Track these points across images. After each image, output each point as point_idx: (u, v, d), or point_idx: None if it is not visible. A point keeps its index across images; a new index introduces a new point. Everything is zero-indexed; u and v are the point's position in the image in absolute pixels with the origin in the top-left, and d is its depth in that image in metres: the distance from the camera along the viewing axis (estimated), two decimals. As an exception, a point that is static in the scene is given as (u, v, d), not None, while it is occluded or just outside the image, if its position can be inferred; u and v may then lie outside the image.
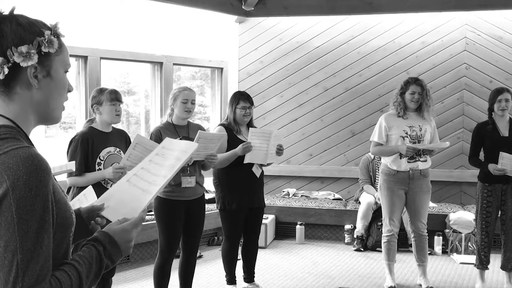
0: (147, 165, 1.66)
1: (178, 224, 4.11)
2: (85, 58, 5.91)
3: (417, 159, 4.75)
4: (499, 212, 4.80)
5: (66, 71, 1.44)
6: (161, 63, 6.65)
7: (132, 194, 1.60)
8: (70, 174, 3.76)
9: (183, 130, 4.19)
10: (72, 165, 3.67)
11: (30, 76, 1.33)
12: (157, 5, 6.29)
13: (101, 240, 1.40)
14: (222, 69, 7.41)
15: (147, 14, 6.46)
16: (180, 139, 4.10)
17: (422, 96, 4.75)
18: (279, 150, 4.61)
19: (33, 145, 1.35)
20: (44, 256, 1.22)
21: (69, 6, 5.63)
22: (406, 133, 4.75)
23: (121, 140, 4.00)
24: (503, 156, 4.54)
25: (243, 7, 6.94)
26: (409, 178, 4.77)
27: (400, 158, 4.75)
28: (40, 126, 1.51)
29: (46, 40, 1.34)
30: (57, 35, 1.38)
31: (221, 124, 4.68)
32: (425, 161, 4.80)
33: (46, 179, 1.24)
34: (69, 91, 1.46)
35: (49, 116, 1.41)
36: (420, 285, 4.96)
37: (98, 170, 3.79)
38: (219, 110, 7.43)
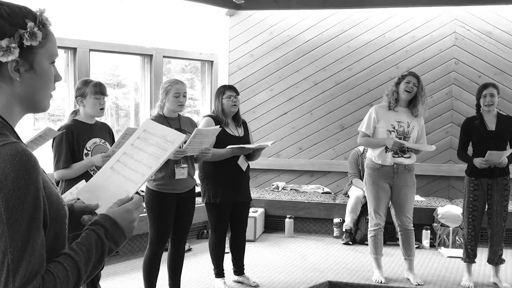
0: (129, 150, 1.60)
1: (169, 217, 4.12)
2: (74, 50, 5.86)
3: (401, 155, 4.78)
4: (486, 206, 4.85)
5: (53, 62, 1.36)
6: (151, 56, 6.62)
7: (117, 183, 1.55)
8: (56, 168, 3.73)
9: (175, 122, 4.18)
10: (51, 130, 3.57)
11: (11, 71, 1.27)
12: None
13: (101, 223, 1.37)
14: (212, 62, 7.39)
15: (137, 6, 6.43)
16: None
17: (418, 88, 4.77)
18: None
19: (19, 138, 1.31)
20: (37, 255, 1.18)
21: (58, -3, 5.58)
22: (394, 127, 4.77)
23: (105, 132, 3.96)
24: (490, 153, 4.59)
25: (233, 0, 6.92)
26: (393, 172, 4.80)
27: (386, 152, 4.77)
28: (29, 118, 1.47)
29: (28, 33, 1.26)
30: (43, 24, 1.31)
31: (209, 116, 4.65)
32: (409, 157, 4.82)
33: (35, 175, 1.19)
34: (57, 81, 1.39)
35: (35, 106, 1.36)
36: (408, 279, 5.00)
37: None
38: (209, 104, 7.41)
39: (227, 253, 4.93)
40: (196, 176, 4.86)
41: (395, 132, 4.77)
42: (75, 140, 3.74)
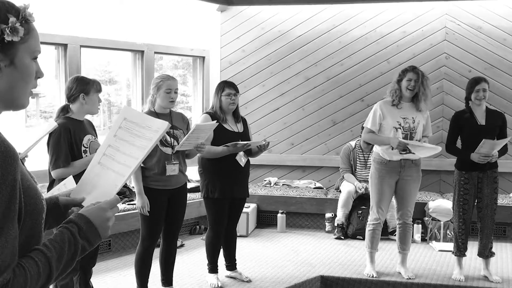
0: (113, 142, 1.60)
1: (160, 213, 4.12)
2: (64, 46, 5.83)
3: (409, 151, 4.74)
4: (476, 199, 4.88)
5: (35, 58, 1.34)
6: (142, 52, 6.60)
7: (106, 177, 1.55)
8: (56, 167, 3.68)
9: (166, 118, 4.16)
10: (53, 123, 3.62)
11: None
12: (138, -7, 6.24)
13: (75, 221, 1.35)
14: (204, 58, 7.38)
15: (128, 1, 6.40)
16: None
17: (418, 84, 4.72)
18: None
19: None
20: (9, 247, 1.16)
21: (48, -7, 5.56)
22: (400, 124, 4.75)
23: (92, 128, 3.98)
24: (485, 142, 4.58)
25: (224, -4, 6.92)
26: (400, 167, 4.79)
27: (392, 149, 4.77)
28: (21, 116, 1.46)
29: (9, 28, 1.25)
30: (26, 20, 1.29)
31: (207, 113, 4.65)
32: None
33: (14, 166, 1.17)
34: (38, 77, 1.37)
35: (14, 103, 1.32)
36: (400, 273, 5.03)
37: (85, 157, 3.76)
38: (201, 100, 7.41)
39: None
40: (192, 172, 4.87)
41: (401, 128, 4.74)
42: (72, 138, 3.73)
